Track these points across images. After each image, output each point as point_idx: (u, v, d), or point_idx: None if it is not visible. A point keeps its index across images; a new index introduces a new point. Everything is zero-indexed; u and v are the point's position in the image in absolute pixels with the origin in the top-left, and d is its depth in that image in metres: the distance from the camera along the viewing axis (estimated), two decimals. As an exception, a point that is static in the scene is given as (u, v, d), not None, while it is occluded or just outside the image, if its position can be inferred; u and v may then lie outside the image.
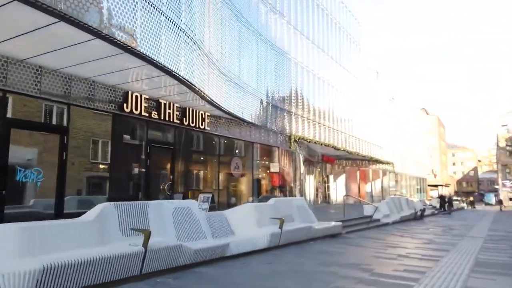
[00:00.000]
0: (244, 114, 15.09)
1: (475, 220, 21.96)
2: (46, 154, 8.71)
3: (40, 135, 8.76)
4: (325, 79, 24.56)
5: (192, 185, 13.39)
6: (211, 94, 12.24)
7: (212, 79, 12.62)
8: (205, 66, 11.92)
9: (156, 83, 10.37)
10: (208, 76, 12.18)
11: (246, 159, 16.50)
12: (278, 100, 18.59)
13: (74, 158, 9.19)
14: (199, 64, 11.25)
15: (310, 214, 11.16)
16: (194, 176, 13.57)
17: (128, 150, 10.87)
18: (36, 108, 8.51)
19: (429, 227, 16.57)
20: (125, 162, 10.65)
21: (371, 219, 15.06)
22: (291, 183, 21.52)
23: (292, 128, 19.89)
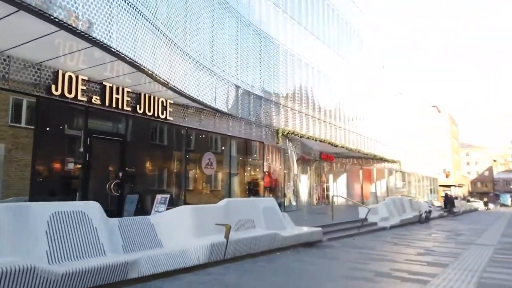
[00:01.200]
0: (217, 103, 13.28)
1: (488, 223, 19.74)
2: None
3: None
4: (321, 70, 22.59)
5: (153, 184, 11.62)
6: (172, 78, 10.47)
7: (174, 61, 10.85)
8: (162, 45, 10.16)
9: (96, 60, 8.65)
10: (168, 58, 10.42)
11: (223, 155, 14.68)
12: (263, 91, 16.72)
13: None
14: (150, 41, 9.48)
15: (281, 218, 9.29)
16: (154, 174, 11.79)
17: (59, 142, 9.16)
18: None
19: (432, 232, 14.52)
20: (54, 155, 8.94)
21: (362, 223, 13.10)
22: (283, 184, 19.65)
23: (280, 122, 17.99)
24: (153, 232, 6.15)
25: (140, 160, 11.24)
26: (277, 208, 9.39)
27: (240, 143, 15.60)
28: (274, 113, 17.60)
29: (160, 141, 11.99)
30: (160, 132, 11.87)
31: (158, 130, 11.75)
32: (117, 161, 10.25)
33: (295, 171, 21.49)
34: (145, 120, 10.95)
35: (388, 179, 35.31)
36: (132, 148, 10.69)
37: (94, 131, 9.59)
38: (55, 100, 8.67)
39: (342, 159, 27.52)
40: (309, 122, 20.97)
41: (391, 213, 17.25)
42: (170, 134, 12.21)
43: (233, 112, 14.49)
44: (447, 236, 13.09)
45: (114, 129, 10.32)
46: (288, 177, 19.98)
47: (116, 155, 10.22)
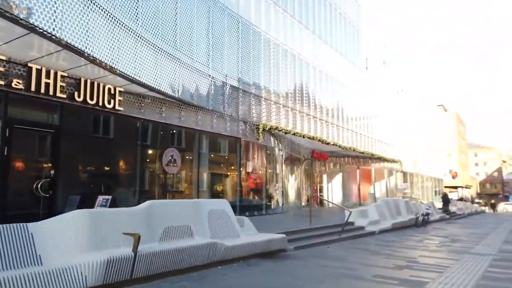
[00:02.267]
0: (182, 93, 11.84)
1: (491, 227, 18.03)
2: None
3: None
4: (310, 62, 21.06)
5: (97, 184, 10.17)
6: (118, 62, 9.08)
7: (121, 41, 9.45)
8: (102, 21, 8.76)
9: (15, 35, 7.29)
10: (111, 38, 9.03)
11: (191, 152, 13.23)
12: (240, 82, 15.26)
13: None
14: (83, 14, 8.09)
15: (234, 224, 7.80)
16: (99, 172, 10.35)
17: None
18: None
19: (426, 238, 12.91)
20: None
21: (343, 228, 11.54)
22: (268, 184, 18.16)
23: (262, 116, 16.50)
24: (30, 244, 4.72)
25: (79, 155, 9.81)
26: (229, 211, 7.90)
27: (213, 139, 14.14)
28: (254, 107, 16.12)
29: (105, 133, 10.54)
30: (104, 124, 10.41)
31: (103, 122, 10.31)
32: (48, 156, 8.84)
33: (282, 171, 20.01)
34: (86, 110, 9.54)
35: (389, 180, 33.59)
36: (68, 141, 9.27)
37: (16, 120, 8.20)
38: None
39: (337, 158, 25.94)
40: (297, 117, 19.45)
41: (383, 216, 15.68)
42: (120, 126, 10.78)
43: (203, 104, 13.04)
44: (440, 243, 11.49)
45: (44, 119, 8.91)
46: (275, 177, 18.50)
47: (47, 149, 8.82)
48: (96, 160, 10.28)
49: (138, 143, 11.14)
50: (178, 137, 12.58)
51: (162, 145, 11.89)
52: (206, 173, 13.55)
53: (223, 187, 14.71)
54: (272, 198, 18.19)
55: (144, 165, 11.50)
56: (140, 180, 11.12)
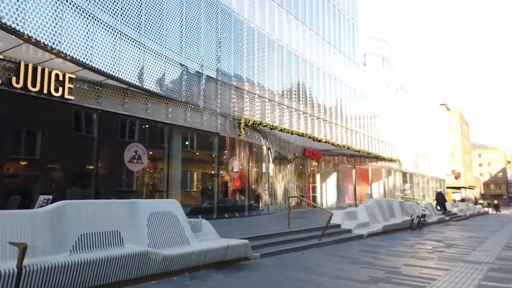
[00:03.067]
0: (147, 82, 10.75)
1: (492, 230, 16.79)
2: None
3: None
4: (300, 54, 19.91)
5: (47, 183, 9.09)
6: (65, 44, 8.01)
7: (71, 20, 8.38)
8: None
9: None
10: (54, 15, 7.96)
11: (161, 148, 12.12)
12: (219, 72, 14.14)
13: None
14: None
15: (182, 229, 6.67)
16: (43, 168, 9.26)
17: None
18: None
19: (418, 242, 11.72)
20: None
21: (323, 232, 10.37)
22: (255, 184, 17.06)
23: (245, 110, 15.39)
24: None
25: (21, 150, 8.72)
26: (179, 213, 6.77)
27: (187, 134, 13.03)
28: (236, 100, 15.00)
29: (52, 125, 9.42)
30: (50, 114, 9.27)
31: (48, 112, 9.18)
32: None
33: (271, 170, 18.89)
34: (29, 99, 8.44)
35: (387, 180, 32.35)
36: (5, 134, 8.18)
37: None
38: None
39: (331, 157, 24.75)
40: (285, 113, 18.31)
41: (374, 218, 14.51)
42: (71, 117, 9.68)
43: (173, 96, 11.93)
44: (433, 248, 10.31)
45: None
46: (262, 176, 17.39)
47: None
48: (43, 156, 9.18)
49: (94, 137, 10.03)
50: (144, 131, 11.46)
51: (124, 140, 10.79)
52: (179, 171, 12.42)
53: (200, 186, 13.59)
54: (258, 198, 17.09)
55: (103, 161, 10.39)
56: (97, 179, 10.01)
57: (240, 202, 15.21)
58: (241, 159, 15.73)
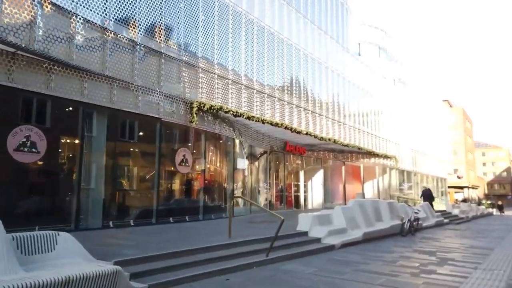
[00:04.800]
0: (45, 45, 8.18)
1: (497, 237, 14.12)
2: None
3: None
4: (275, 32, 17.30)
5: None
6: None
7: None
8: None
9: None
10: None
11: (72, 134, 9.53)
12: (163, 42, 11.56)
13: None
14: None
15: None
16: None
17: None
18: None
19: (403, 255, 9.10)
20: None
21: (271, 246, 7.75)
22: (218, 182, 14.54)
23: (200, 92, 12.81)
24: None
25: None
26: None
27: (115, 117, 10.43)
28: (188, 80, 12.42)
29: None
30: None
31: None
32: None
33: (241, 166, 16.37)
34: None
35: (383, 178, 29.67)
36: None
37: None
38: None
39: (317, 152, 22.12)
40: (255, 98, 15.73)
41: (353, 223, 11.91)
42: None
43: (91, 67, 9.36)
44: (420, 266, 7.69)
45: None
46: (229, 173, 14.86)
47: None
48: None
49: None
50: (42, 111, 8.87)
51: (7, 122, 8.19)
52: (101, 165, 9.81)
53: (133, 184, 11.02)
54: (225, 199, 14.56)
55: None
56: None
57: (192, 203, 12.65)
58: (200, 152, 13.17)
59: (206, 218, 12.66)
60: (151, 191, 11.04)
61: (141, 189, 11.10)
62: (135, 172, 11.01)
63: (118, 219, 9.98)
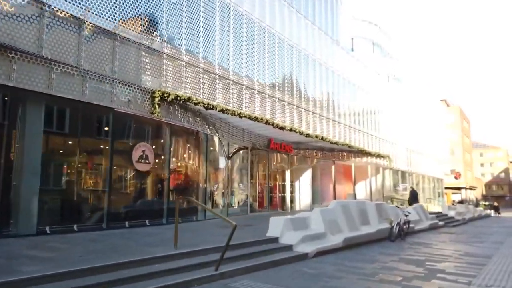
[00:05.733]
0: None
1: (495, 242, 12.80)
2: None
3: None
4: (256, 19, 15.99)
5: None
6: None
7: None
8: None
9: None
10: None
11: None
12: (116, 21, 10.23)
13: None
14: None
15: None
16: None
17: None
18: None
19: (386, 266, 7.78)
20: None
21: (221, 258, 6.38)
22: (192, 183, 13.23)
23: (165, 81, 11.48)
24: None
25: None
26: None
27: (59, 107, 9.09)
28: (150, 66, 11.09)
29: None
30: None
31: None
32: None
33: (220, 165, 15.11)
34: None
35: (377, 178, 28.35)
36: None
37: None
38: None
39: (305, 150, 20.80)
40: (231, 90, 14.41)
41: (335, 227, 10.60)
42: None
43: (22, 45, 8.02)
44: (403, 282, 6.38)
45: None
46: (208, 173, 13.55)
47: None
48: None
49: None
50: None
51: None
52: (37, 161, 8.43)
53: (79, 184, 9.64)
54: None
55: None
56: None
57: (156, 205, 11.30)
58: (165, 148, 11.83)
59: (171, 222, 11.29)
60: (101, 191, 9.69)
61: (89, 189, 9.74)
62: (81, 169, 9.65)
63: (58, 224, 8.63)
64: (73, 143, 9.54)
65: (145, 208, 10.90)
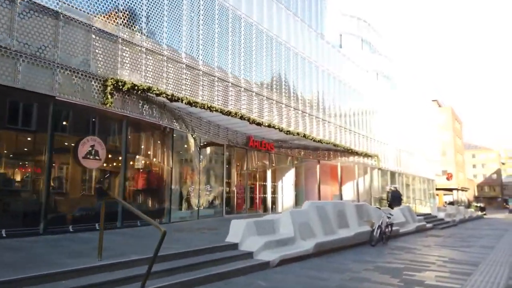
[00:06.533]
0: None
1: (485, 247, 11.77)
2: None
3: None
4: (230, 5, 14.90)
5: None
6: None
7: None
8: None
9: None
10: None
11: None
12: (64, 2, 9.08)
13: None
14: None
15: None
16: None
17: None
18: None
19: (356, 277, 6.69)
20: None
21: (148, 273, 5.23)
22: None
23: (120, 68, 10.32)
24: None
25: None
26: None
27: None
28: (102, 51, 9.93)
29: None
30: None
31: None
32: None
33: (193, 164, 14.02)
34: None
35: (365, 179, 27.34)
36: None
37: None
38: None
39: (288, 149, 19.71)
40: (200, 82, 13.29)
41: (307, 230, 9.52)
42: None
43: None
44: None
45: None
46: (173, 172, 12.41)
47: None
48: None
49: None
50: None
51: None
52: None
53: (6, 183, 8.45)
54: (162, 202, 12.12)
55: None
56: None
57: (108, 207, 10.11)
58: (120, 143, 10.67)
59: (127, 225, 10.15)
60: (38, 191, 8.51)
61: (20, 188, 8.55)
62: (12, 166, 8.46)
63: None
64: (6, 136, 8.35)
65: (95, 210, 9.72)
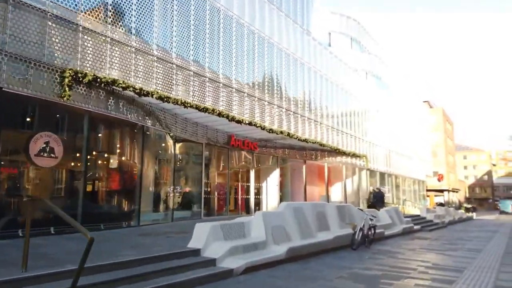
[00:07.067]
0: None
1: (472, 250, 11.15)
2: None
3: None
4: (215, 1, 14.21)
5: None
6: None
7: None
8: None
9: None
10: None
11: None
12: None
13: None
14: None
15: None
16: None
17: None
18: None
19: (327, 284, 6.01)
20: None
21: (76, 283, 4.51)
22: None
23: (81, 58, 9.55)
24: None
25: None
26: None
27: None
28: (59, 39, 9.16)
29: None
30: None
31: None
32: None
33: (167, 163, 13.30)
34: None
35: (353, 180, 26.74)
36: None
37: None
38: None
39: (272, 149, 19.01)
40: (174, 76, 12.54)
41: (281, 234, 8.82)
42: None
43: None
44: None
45: None
46: (143, 171, 11.65)
47: None
48: None
49: None
50: None
51: None
52: None
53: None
54: (131, 204, 11.37)
55: None
56: None
57: (70, 209, 9.34)
58: (81, 140, 9.90)
59: (89, 229, 9.34)
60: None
61: None
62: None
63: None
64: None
65: (50, 213, 8.93)
